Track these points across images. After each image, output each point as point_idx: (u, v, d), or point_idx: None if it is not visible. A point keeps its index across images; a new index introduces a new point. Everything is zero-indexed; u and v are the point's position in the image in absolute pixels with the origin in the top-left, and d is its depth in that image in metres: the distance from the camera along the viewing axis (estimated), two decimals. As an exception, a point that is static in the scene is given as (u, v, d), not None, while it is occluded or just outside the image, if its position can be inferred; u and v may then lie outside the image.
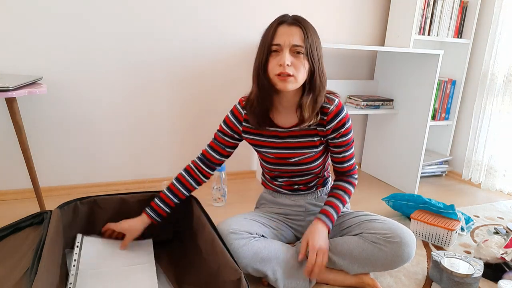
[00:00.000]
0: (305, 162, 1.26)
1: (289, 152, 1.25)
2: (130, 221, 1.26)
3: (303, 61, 1.09)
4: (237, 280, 0.93)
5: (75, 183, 1.92)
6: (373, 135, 2.45)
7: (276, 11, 2.08)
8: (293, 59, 1.09)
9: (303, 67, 1.10)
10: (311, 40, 1.10)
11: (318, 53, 1.12)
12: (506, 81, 2.17)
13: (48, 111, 1.79)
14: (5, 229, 1.20)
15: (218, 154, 1.31)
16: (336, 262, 1.22)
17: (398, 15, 2.25)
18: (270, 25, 1.13)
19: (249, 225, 1.20)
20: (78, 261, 1.21)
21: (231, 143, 1.31)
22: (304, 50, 1.08)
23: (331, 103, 1.20)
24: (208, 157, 1.31)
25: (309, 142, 1.23)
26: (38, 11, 1.66)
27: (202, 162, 1.32)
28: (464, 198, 2.17)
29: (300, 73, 1.10)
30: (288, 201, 1.36)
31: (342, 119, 1.20)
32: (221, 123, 1.31)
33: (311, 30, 1.11)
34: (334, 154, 1.27)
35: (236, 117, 1.28)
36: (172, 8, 1.88)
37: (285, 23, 1.10)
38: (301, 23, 1.10)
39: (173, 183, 1.29)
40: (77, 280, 1.13)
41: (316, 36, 1.12)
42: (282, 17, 1.12)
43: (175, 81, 1.98)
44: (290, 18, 1.11)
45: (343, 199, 1.26)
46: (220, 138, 1.30)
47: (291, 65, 1.09)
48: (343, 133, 1.22)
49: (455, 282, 1.23)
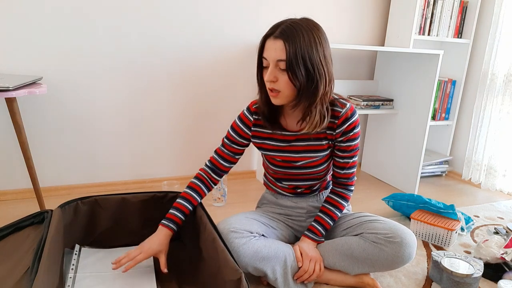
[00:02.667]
0: (311, 166, 1.26)
1: (296, 155, 1.24)
2: (154, 242, 1.16)
3: (288, 76, 1.05)
4: (238, 280, 0.93)
5: (75, 183, 1.92)
6: (373, 135, 2.45)
7: (277, 11, 2.08)
8: (278, 74, 1.07)
9: (287, 83, 1.07)
10: (299, 51, 1.03)
11: (312, 63, 1.05)
12: (506, 81, 2.17)
13: (48, 111, 1.79)
14: (5, 229, 1.20)
15: (227, 162, 1.30)
16: (336, 263, 1.22)
17: (398, 15, 2.25)
18: (262, 38, 1.11)
19: (249, 224, 1.20)
20: (77, 266, 1.21)
21: (240, 149, 1.30)
22: (286, 65, 1.04)
23: (343, 107, 1.18)
24: (218, 165, 1.30)
25: (317, 146, 1.23)
26: (38, 11, 1.66)
27: (212, 170, 1.31)
28: (464, 198, 2.17)
29: (285, 89, 1.08)
30: (290, 203, 1.36)
31: (353, 122, 1.19)
32: (229, 130, 1.30)
33: (300, 41, 1.03)
34: (336, 157, 1.26)
35: (244, 123, 1.27)
36: (174, 8, 1.88)
37: (272, 37, 1.06)
38: (286, 35, 1.04)
39: (186, 192, 1.27)
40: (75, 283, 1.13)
41: (310, 45, 1.04)
42: (271, 29, 1.08)
43: (176, 81, 1.98)
44: (278, 30, 1.06)
45: (334, 216, 1.28)
46: (229, 146, 1.29)
47: (277, 81, 1.08)
48: (351, 137, 1.20)
49: (455, 282, 1.23)
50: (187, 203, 1.25)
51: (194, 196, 1.27)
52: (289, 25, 1.05)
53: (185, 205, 1.24)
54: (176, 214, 1.22)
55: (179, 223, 1.22)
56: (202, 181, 1.30)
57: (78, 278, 1.15)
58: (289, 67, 1.04)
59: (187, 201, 1.25)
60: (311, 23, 1.08)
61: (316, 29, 1.08)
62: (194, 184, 1.29)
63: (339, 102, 1.19)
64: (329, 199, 1.29)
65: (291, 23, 1.06)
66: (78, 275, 1.17)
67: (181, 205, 1.24)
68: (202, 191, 1.29)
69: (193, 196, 1.27)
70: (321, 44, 1.06)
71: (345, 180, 1.28)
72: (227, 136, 1.30)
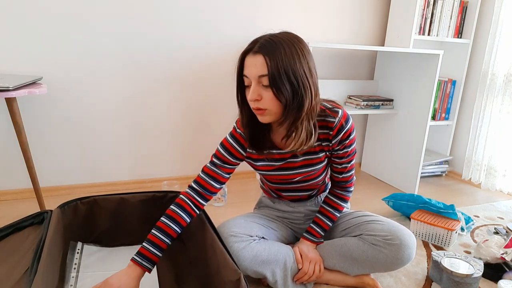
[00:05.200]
0: (309, 180, 1.23)
1: (293, 172, 1.20)
2: (119, 280, 0.99)
3: (272, 92, 0.98)
4: (237, 281, 0.93)
5: (75, 183, 1.92)
6: (373, 135, 2.45)
7: (277, 12, 2.08)
8: (262, 91, 1.00)
9: (273, 99, 0.99)
10: (281, 65, 0.96)
11: (296, 76, 0.98)
12: (506, 81, 2.17)
13: (48, 111, 1.79)
14: (5, 229, 1.20)
15: (218, 182, 1.17)
16: (336, 264, 1.22)
17: (398, 15, 2.25)
18: (240, 55, 1.03)
19: (249, 227, 1.20)
20: (79, 265, 1.21)
21: (232, 169, 1.19)
22: (269, 80, 0.97)
23: (335, 116, 1.11)
24: (206, 187, 1.15)
25: (314, 160, 1.18)
26: (38, 11, 1.66)
27: (197, 192, 1.15)
28: (464, 198, 2.17)
29: (272, 106, 1.01)
30: (287, 207, 1.35)
31: (348, 130, 1.13)
32: (220, 149, 1.17)
33: (281, 54, 0.97)
34: (334, 164, 1.22)
35: (238, 142, 1.16)
36: (175, 10, 1.88)
37: (251, 52, 0.99)
38: (266, 49, 0.97)
39: (163, 222, 1.08)
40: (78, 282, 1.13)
41: (292, 58, 0.97)
42: (249, 45, 1.01)
43: (176, 81, 1.98)
44: (257, 45, 0.99)
45: (333, 217, 1.27)
46: (220, 165, 1.16)
47: (261, 99, 1.00)
48: (347, 144, 1.15)
49: (455, 282, 1.23)
50: (165, 237, 1.07)
51: (174, 228, 1.08)
52: (268, 39, 0.99)
53: (162, 240, 1.06)
54: (152, 250, 1.04)
55: (155, 261, 1.05)
56: (184, 209, 1.12)
57: (80, 278, 1.15)
58: (272, 83, 0.97)
59: (165, 235, 1.07)
60: (292, 36, 1.02)
61: (298, 41, 1.01)
62: (174, 213, 1.10)
63: (330, 111, 1.12)
64: (328, 200, 1.28)
65: (270, 37, 1.00)
66: (81, 274, 1.17)
67: (157, 239, 1.06)
68: (183, 221, 1.11)
69: (172, 228, 1.08)
70: (304, 57, 1.00)
71: (343, 183, 1.26)
72: (217, 155, 1.17)
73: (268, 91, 0.99)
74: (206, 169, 1.17)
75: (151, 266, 1.05)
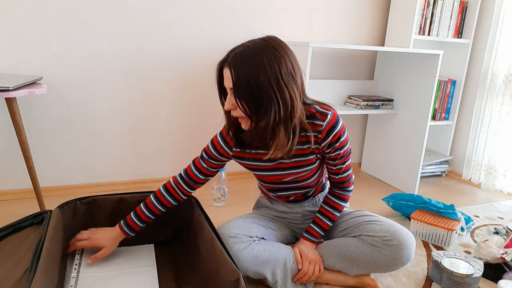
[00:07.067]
0: (301, 180, 1.23)
1: (283, 173, 1.21)
2: (105, 237, 1.23)
3: (241, 103, 1.01)
4: (236, 281, 0.93)
5: (75, 183, 1.92)
6: (373, 135, 2.45)
7: (277, 12, 2.08)
8: (235, 102, 1.03)
9: (243, 110, 1.02)
10: (243, 77, 0.98)
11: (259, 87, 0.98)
12: (506, 81, 2.17)
13: (48, 111, 1.79)
14: (5, 229, 1.20)
15: (204, 175, 1.25)
16: (335, 264, 1.22)
17: (398, 15, 2.25)
18: (218, 65, 1.08)
19: (248, 228, 1.20)
20: (79, 264, 1.21)
21: (218, 165, 1.25)
22: (234, 93, 1.01)
23: (324, 118, 1.11)
24: (192, 177, 1.24)
25: (304, 161, 1.18)
26: (38, 11, 1.66)
27: (184, 181, 1.25)
28: (464, 198, 2.17)
29: (244, 115, 1.04)
30: (285, 208, 1.35)
31: (337, 133, 1.12)
32: (209, 145, 1.23)
33: (245, 65, 0.98)
34: (329, 165, 1.22)
35: (225, 141, 1.20)
36: (174, 9, 1.88)
37: (225, 64, 1.04)
38: (233, 61, 1.00)
39: (150, 199, 1.25)
40: (78, 283, 1.13)
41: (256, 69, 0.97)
42: (226, 56, 1.05)
43: (176, 81, 1.98)
44: (230, 57, 1.02)
45: (333, 217, 1.27)
46: (207, 160, 1.23)
47: (236, 109, 1.04)
48: (338, 147, 1.15)
49: (455, 282, 1.23)
50: (149, 213, 1.24)
51: (159, 208, 1.25)
52: (239, 51, 1.01)
53: (146, 215, 1.24)
54: (135, 221, 1.23)
55: (136, 229, 1.25)
56: (170, 193, 1.25)
57: (80, 278, 1.15)
58: (236, 95, 1.01)
59: (150, 212, 1.24)
60: (266, 44, 1.01)
61: (271, 50, 0.99)
62: (161, 196, 1.25)
63: (319, 114, 1.11)
64: (327, 200, 1.28)
65: (242, 47, 1.01)
66: (81, 275, 1.17)
67: (142, 213, 1.24)
68: (169, 203, 1.26)
69: (157, 207, 1.25)
70: (272, 66, 0.98)
71: (341, 183, 1.25)
72: (206, 150, 1.24)
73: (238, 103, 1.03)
74: (196, 161, 1.26)
75: (132, 233, 1.24)
